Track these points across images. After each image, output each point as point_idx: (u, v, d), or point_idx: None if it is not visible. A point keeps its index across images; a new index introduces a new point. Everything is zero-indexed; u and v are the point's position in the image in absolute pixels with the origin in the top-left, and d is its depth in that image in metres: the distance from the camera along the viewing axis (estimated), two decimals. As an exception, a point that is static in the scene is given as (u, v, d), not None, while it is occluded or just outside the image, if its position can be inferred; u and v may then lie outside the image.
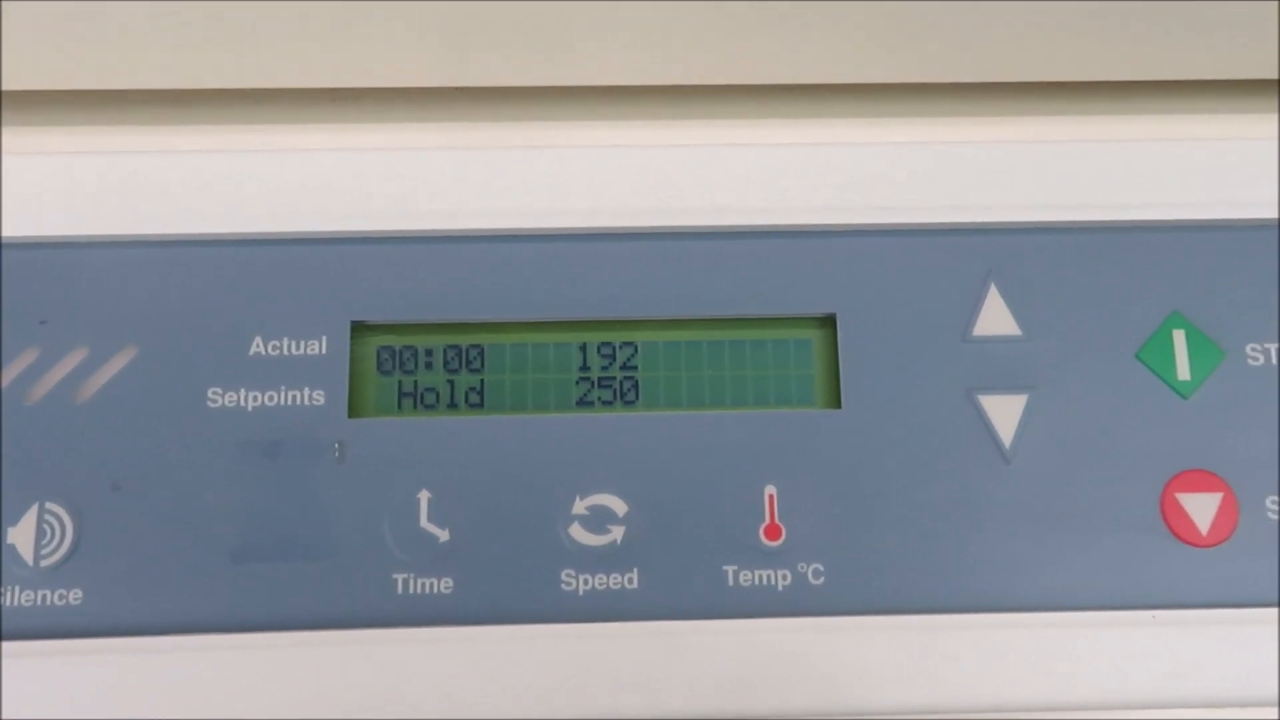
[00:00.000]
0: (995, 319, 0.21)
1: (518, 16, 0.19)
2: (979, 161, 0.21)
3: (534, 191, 0.21)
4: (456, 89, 0.21)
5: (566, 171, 0.21)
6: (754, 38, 0.20)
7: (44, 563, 0.19)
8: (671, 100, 0.21)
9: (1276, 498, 0.20)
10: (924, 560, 0.19)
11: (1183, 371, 0.20)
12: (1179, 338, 0.21)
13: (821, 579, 0.19)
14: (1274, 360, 0.21)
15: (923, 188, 0.21)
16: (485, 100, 0.21)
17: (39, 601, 0.19)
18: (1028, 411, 0.20)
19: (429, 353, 0.20)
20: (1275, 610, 0.19)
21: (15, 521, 0.19)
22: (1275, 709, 0.19)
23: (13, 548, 0.19)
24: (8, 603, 0.19)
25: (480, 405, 0.20)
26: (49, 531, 0.19)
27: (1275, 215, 0.21)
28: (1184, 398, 0.20)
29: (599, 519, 0.20)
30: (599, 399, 0.20)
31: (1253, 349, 0.21)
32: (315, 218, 0.20)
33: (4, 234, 0.20)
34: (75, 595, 0.19)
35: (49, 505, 0.19)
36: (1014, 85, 0.21)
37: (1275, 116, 0.21)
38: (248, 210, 0.21)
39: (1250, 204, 0.21)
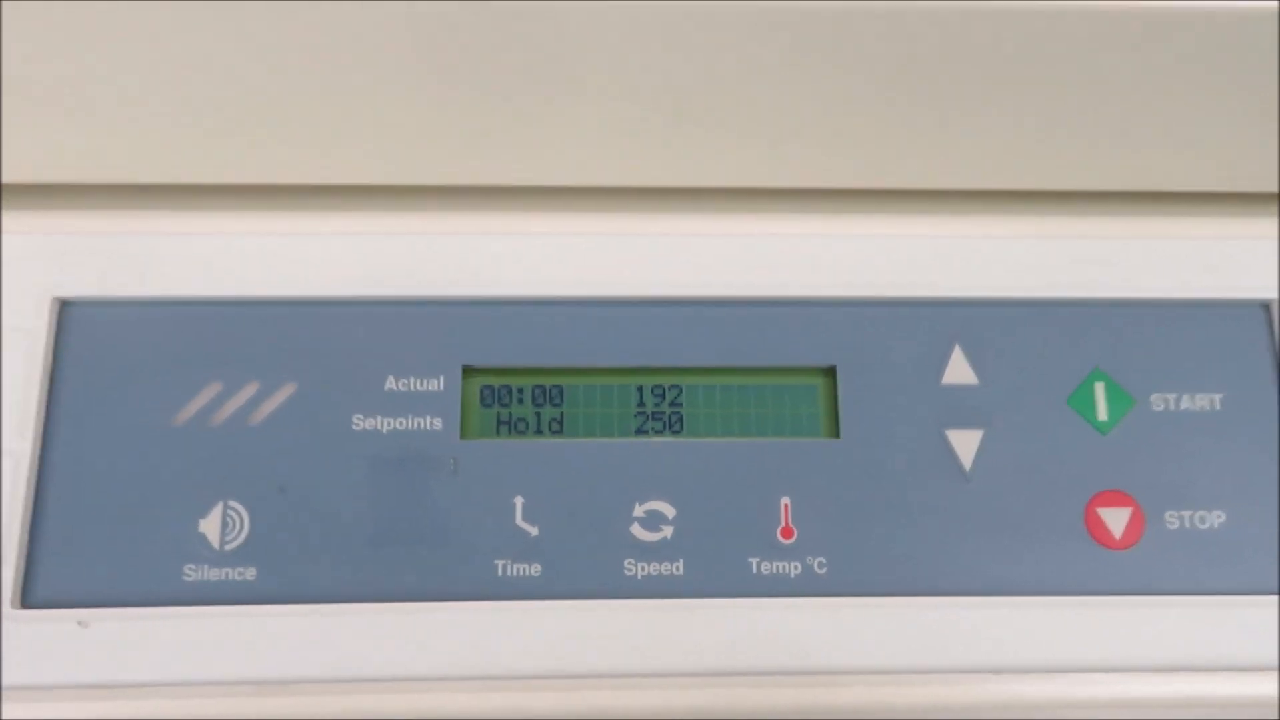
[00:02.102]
0: (959, 371, 0.27)
1: (613, 124, 0.26)
2: (947, 251, 0.27)
3: (603, 268, 0.27)
4: (548, 188, 0.27)
5: (631, 253, 0.27)
6: (785, 154, 0.26)
7: (227, 547, 0.25)
8: (716, 200, 0.27)
9: (1174, 512, 0.26)
10: (903, 555, 0.25)
11: (1102, 414, 0.26)
12: (1099, 388, 0.27)
13: (825, 569, 0.25)
14: (1173, 406, 0.27)
15: (905, 270, 0.27)
16: (565, 197, 0.27)
17: (223, 577, 0.25)
18: (983, 443, 0.26)
19: (520, 390, 0.26)
20: (1175, 597, 0.25)
21: (205, 515, 0.25)
22: (1171, 671, 0.25)
23: (203, 535, 0.25)
24: (199, 578, 0.25)
25: (560, 431, 0.26)
26: (231, 523, 0.25)
27: (1175, 295, 0.27)
28: (1103, 434, 0.26)
29: (653, 520, 0.25)
30: (652, 428, 0.26)
31: (1156, 397, 0.27)
32: (435, 285, 0.27)
33: (203, 293, 0.26)
34: (250, 572, 0.25)
35: (231, 503, 0.25)
36: (973, 192, 0.27)
37: (1170, 221, 0.28)
38: (382, 277, 0.27)
39: (1155, 287, 0.27)
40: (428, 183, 0.27)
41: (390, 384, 0.26)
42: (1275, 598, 0.25)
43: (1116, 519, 0.26)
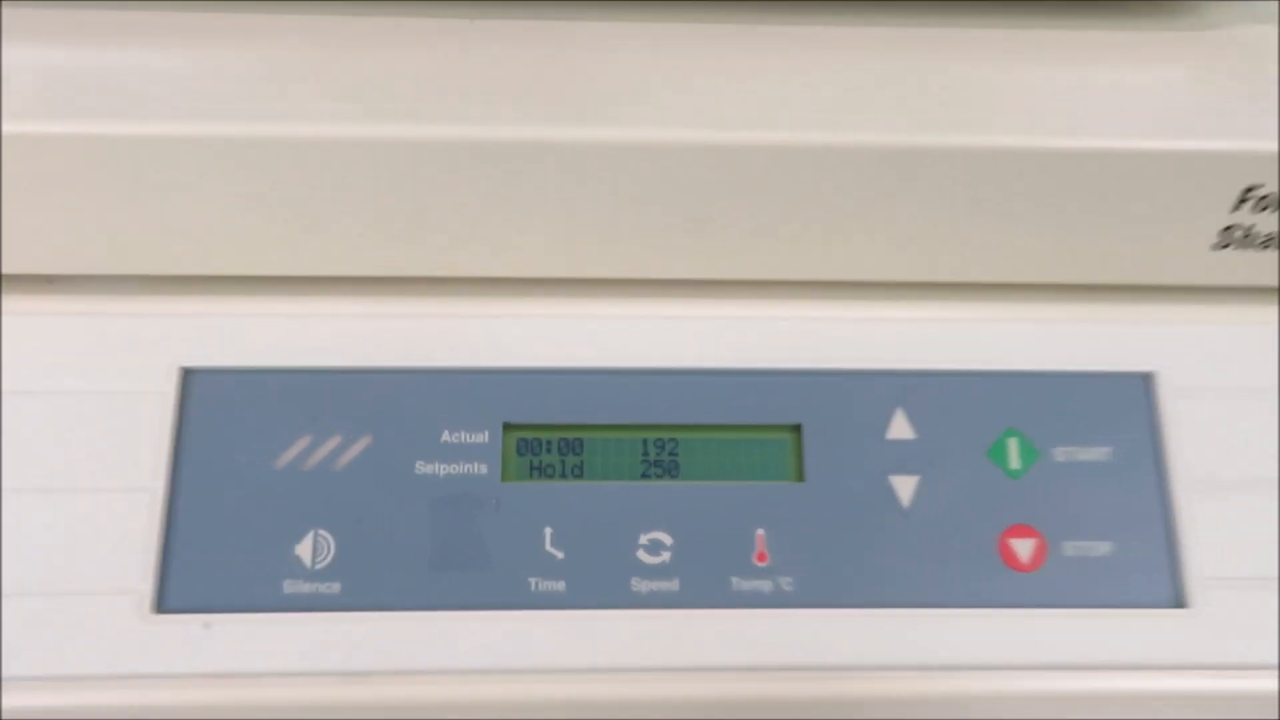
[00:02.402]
0: (900, 429, 0.33)
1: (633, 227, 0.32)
2: (892, 330, 0.34)
3: (614, 344, 0.34)
4: (571, 279, 0.34)
5: (637, 332, 0.34)
6: (759, 254, 0.33)
7: (317, 566, 0.31)
8: (703, 289, 0.34)
9: (1070, 542, 0.32)
10: (855, 574, 0.32)
11: (1014, 463, 0.33)
12: (1012, 443, 0.33)
13: (792, 586, 0.32)
14: (1071, 457, 0.33)
15: (857, 346, 0.34)
16: (585, 286, 0.34)
17: (314, 590, 0.31)
18: (919, 486, 0.33)
19: (549, 442, 0.33)
20: (1071, 610, 0.32)
21: (299, 541, 0.32)
22: (1068, 669, 0.31)
23: (298, 557, 0.31)
24: (295, 590, 0.31)
25: (581, 475, 0.33)
26: (320, 547, 0.31)
27: (1073, 368, 0.34)
28: (1015, 480, 0.33)
29: (655, 547, 0.32)
30: (654, 473, 0.33)
31: (1058, 450, 0.33)
32: (481, 357, 0.33)
33: (297, 364, 0.33)
34: (335, 586, 0.31)
35: (320, 531, 0.32)
36: (910, 284, 0.34)
37: (1071, 306, 0.34)
38: (438, 351, 0.33)
39: (1058, 360, 0.34)
40: (477, 275, 0.34)
41: (445, 437, 0.33)
42: (1153, 610, 0.32)
43: (1024, 547, 0.32)
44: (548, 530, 0.32)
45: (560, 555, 0.32)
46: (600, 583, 0.32)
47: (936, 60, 0.33)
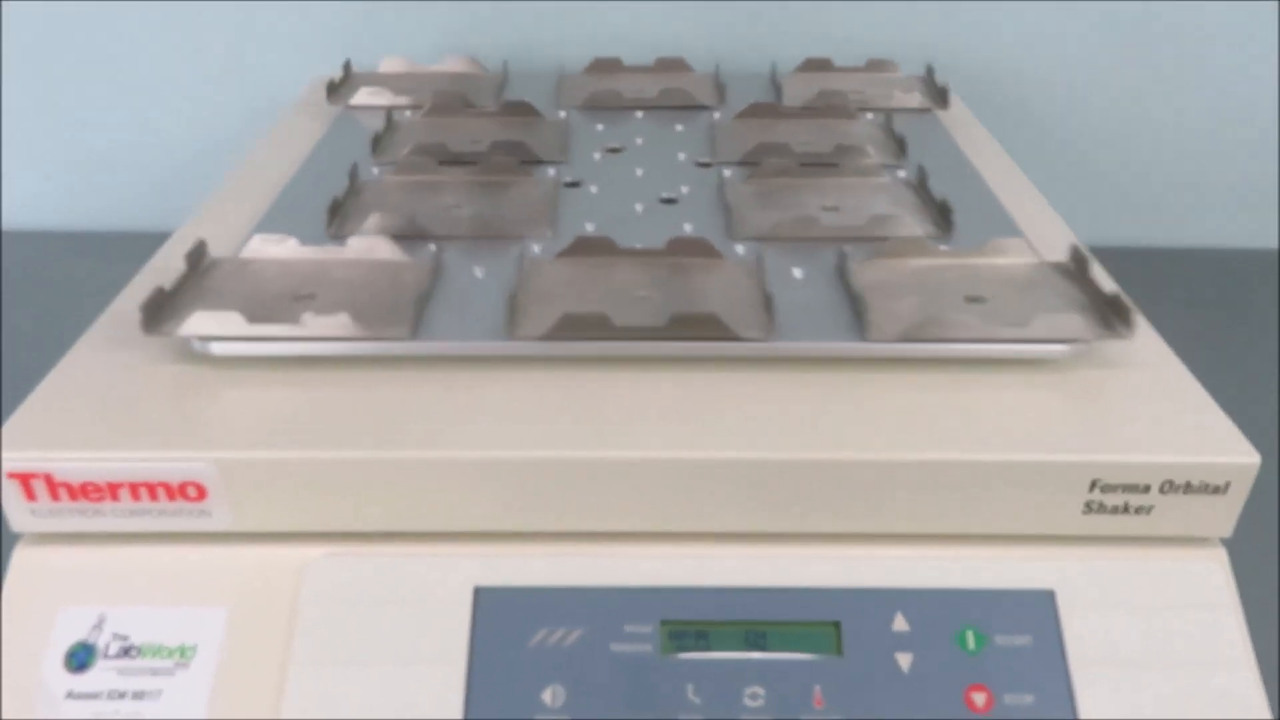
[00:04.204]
0: (900, 624, 0.55)
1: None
2: (893, 562, 0.56)
3: (726, 571, 0.56)
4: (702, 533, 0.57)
5: (738, 565, 0.56)
6: (796, 512, 0.56)
7: (557, 705, 0.53)
8: (789, 538, 0.57)
9: (1010, 695, 0.53)
10: (874, 715, 0.53)
11: (971, 646, 0.54)
12: (969, 633, 0.54)
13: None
14: (1009, 643, 0.54)
15: (872, 571, 0.56)
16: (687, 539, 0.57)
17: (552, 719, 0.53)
18: (913, 660, 0.54)
19: (690, 631, 0.55)
20: (1009, 738, 0.52)
21: (544, 689, 0.53)
22: (1007, 773, 0.51)
23: (543, 701, 0.53)
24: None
25: (708, 649, 0.54)
26: (558, 694, 0.53)
27: (1005, 586, 0.55)
28: (973, 656, 0.54)
29: (756, 696, 0.53)
30: (754, 647, 0.54)
31: (999, 637, 0.54)
32: (646, 579, 0.56)
33: (547, 583, 0.55)
34: (565, 717, 0.53)
35: (557, 685, 0.53)
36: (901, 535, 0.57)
37: (997, 548, 0.56)
38: (622, 576, 0.56)
39: (997, 580, 0.56)
40: (640, 530, 0.57)
41: (629, 629, 0.55)
42: (1060, 738, 0.52)
43: (979, 698, 0.53)
44: (689, 685, 0.54)
45: (698, 701, 0.53)
46: (722, 717, 0.53)
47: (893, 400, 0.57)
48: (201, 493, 0.53)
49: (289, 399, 0.56)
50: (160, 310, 0.58)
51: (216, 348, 0.57)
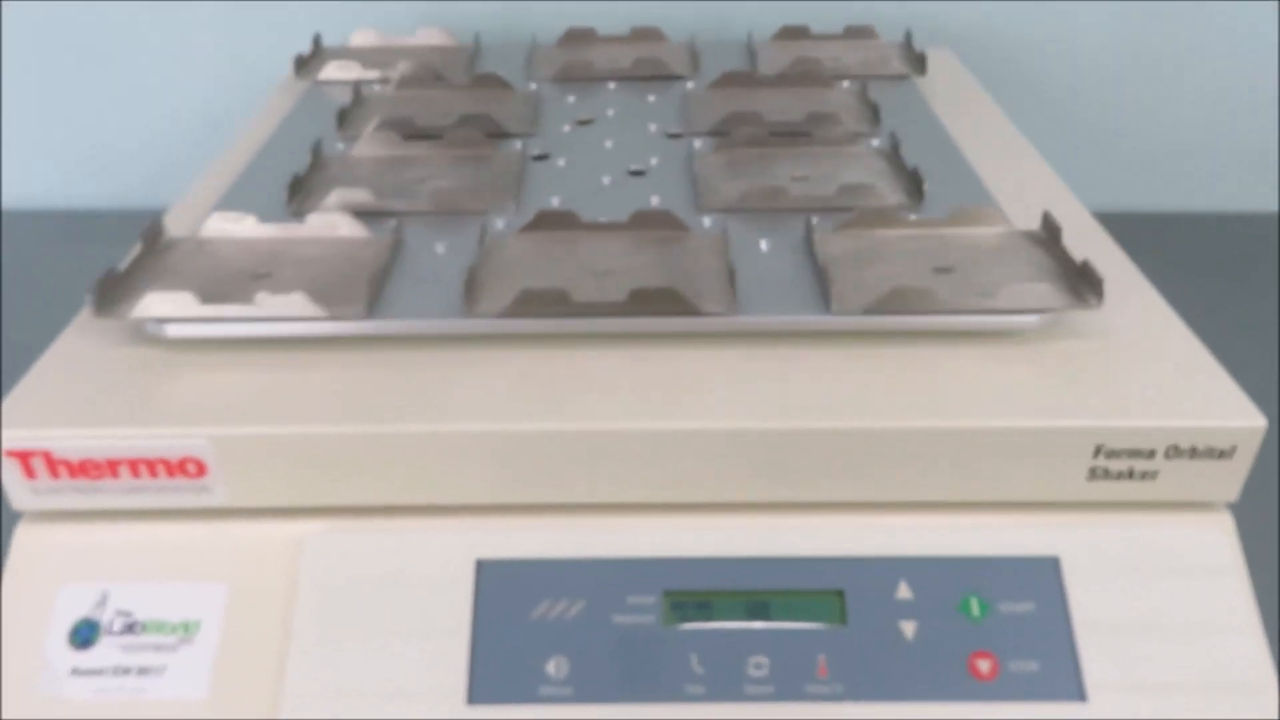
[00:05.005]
0: (904, 592, 0.55)
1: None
2: (897, 530, 0.56)
3: (730, 542, 0.56)
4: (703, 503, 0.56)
5: (743, 535, 0.56)
6: (808, 483, 0.55)
7: (560, 677, 0.53)
8: (794, 508, 0.57)
9: (1015, 661, 0.53)
10: (878, 683, 0.53)
11: (975, 613, 0.54)
12: (973, 600, 0.54)
13: (842, 690, 0.52)
14: (1013, 609, 0.54)
15: (876, 540, 0.56)
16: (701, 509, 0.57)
17: (554, 693, 0.53)
18: (918, 628, 0.54)
19: (691, 602, 0.55)
20: (1016, 703, 0.52)
21: (548, 660, 0.53)
22: (1011, 739, 0.51)
23: (546, 671, 0.53)
24: (552, 693, 0.53)
25: (710, 619, 0.54)
26: (561, 665, 0.53)
27: (1012, 554, 0.55)
28: (977, 624, 0.54)
29: (759, 667, 0.53)
30: (757, 617, 0.54)
31: (1003, 604, 0.54)
32: (649, 550, 0.56)
33: (546, 555, 0.55)
34: (569, 690, 0.53)
35: (559, 656, 0.53)
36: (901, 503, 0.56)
37: (1001, 514, 0.56)
38: (623, 546, 0.56)
39: (1001, 547, 0.55)
40: (646, 501, 0.56)
41: (631, 600, 0.55)
42: (1065, 703, 0.52)
43: (984, 665, 0.53)
44: (693, 655, 0.53)
45: (701, 671, 0.53)
46: (726, 687, 0.53)
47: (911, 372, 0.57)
48: (201, 469, 0.53)
49: (267, 376, 0.56)
50: (113, 292, 0.58)
51: (171, 329, 0.56)
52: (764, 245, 0.63)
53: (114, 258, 0.69)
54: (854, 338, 0.58)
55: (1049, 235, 0.63)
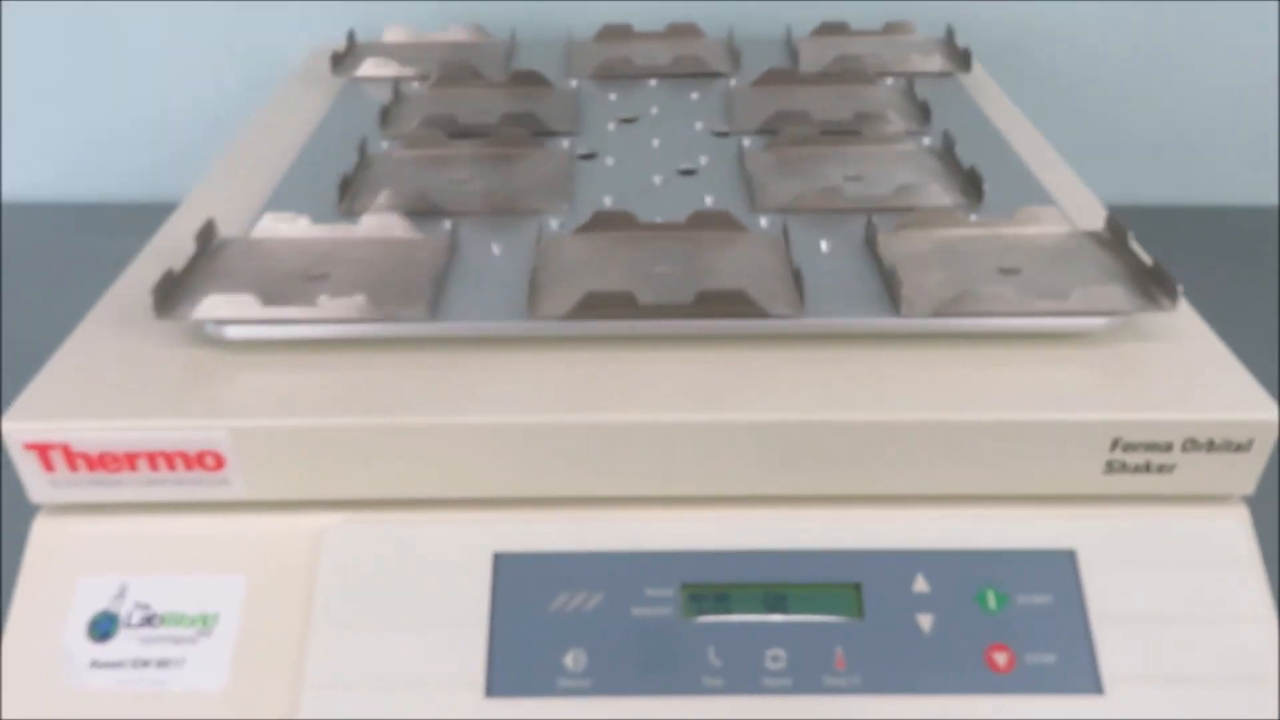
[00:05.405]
0: (920, 585, 0.55)
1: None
2: (916, 523, 0.56)
3: (745, 534, 0.56)
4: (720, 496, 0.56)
5: (759, 527, 0.56)
6: (820, 476, 0.55)
7: (579, 669, 0.53)
8: (810, 501, 0.57)
9: (1031, 654, 0.53)
10: (896, 675, 0.53)
11: (992, 605, 0.54)
12: (990, 593, 0.54)
13: (860, 681, 0.53)
14: (1029, 602, 0.54)
15: (892, 533, 0.56)
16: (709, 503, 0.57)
17: (573, 685, 0.53)
18: (934, 620, 0.54)
19: (709, 595, 0.55)
20: (1032, 696, 0.52)
21: (566, 653, 0.53)
22: (1029, 731, 0.51)
23: (564, 664, 0.53)
24: (572, 685, 0.53)
25: (728, 612, 0.54)
26: (579, 657, 0.53)
27: (1026, 546, 0.55)
28: (993, 616, 0.54)
29: (777, 659, 0.53)
30: (774, 610, 0.54)
31: (1020, 597, 0.54)
32: (667, 544, 0.56)
33: (559, 549, 0.55)
34: (587, 683, 0.53)
35: (577, 649, 0.53)
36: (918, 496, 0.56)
37: (1017, 508, 0.56)
38: (643, 540, 0.56)
39: (1019, 540, 0.55)
40: (663, 495, 0.56)
41: (649, 593, 0.55)
42: (1081, 696, 0.52)
43: (1001, 657, 0.53)
44: (710, 648, 0.54)
45: (718, 663, 0.53)
46: (743, 680, 0.53)
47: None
48: (219, 461, 0.53)
49: (305, 375, 0.55)
50: (171, 293, 0.57)
51: (231, 331, 0.56)
52: (824, 246, 0.63)
53: (115, 250, 0.69)
54: (919, 340, 0.57)
55: (1114, 236, 0.62)
